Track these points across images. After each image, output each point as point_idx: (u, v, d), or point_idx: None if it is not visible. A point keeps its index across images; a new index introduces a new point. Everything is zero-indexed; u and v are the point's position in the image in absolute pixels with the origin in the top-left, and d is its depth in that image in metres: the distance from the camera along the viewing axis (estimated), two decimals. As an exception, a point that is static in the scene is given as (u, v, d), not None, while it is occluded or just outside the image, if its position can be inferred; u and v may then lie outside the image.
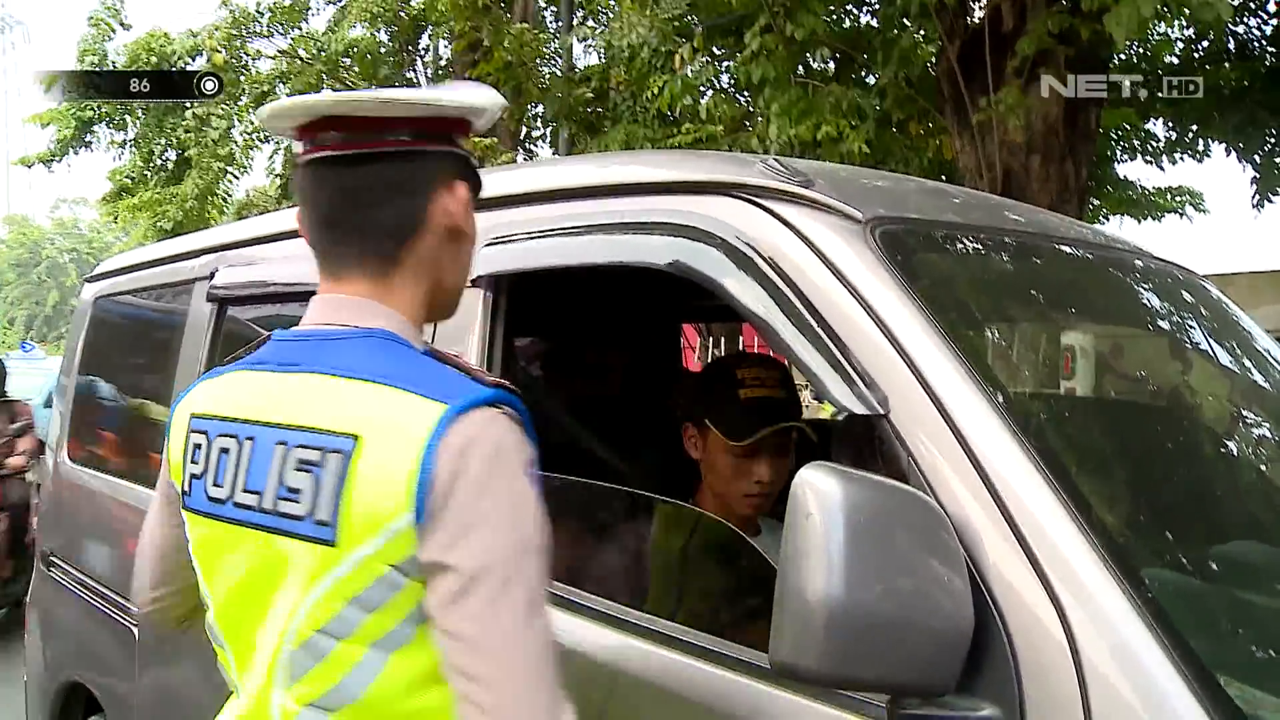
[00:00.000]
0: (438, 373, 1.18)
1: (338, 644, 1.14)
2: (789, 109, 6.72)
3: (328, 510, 1.12)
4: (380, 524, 1.09)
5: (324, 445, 1.13)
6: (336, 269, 1.26)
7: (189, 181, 14.28)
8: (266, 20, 14.04)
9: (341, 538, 1.11)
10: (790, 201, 1.50)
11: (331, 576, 1.12)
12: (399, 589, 1.11)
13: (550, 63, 11.63)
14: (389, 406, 1.13)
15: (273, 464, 1.17)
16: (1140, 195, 12.18)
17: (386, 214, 1.25)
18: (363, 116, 1.22)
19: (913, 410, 1.28)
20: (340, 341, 1.22)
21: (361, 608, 1.12)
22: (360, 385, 1.16)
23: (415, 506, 1.08)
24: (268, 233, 2.77)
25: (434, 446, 1.08)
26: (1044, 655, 1.12)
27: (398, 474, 1.09)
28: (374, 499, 1.10)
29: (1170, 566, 1.36)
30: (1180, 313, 2.08)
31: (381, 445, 1.11)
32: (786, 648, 1.11)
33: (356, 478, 1.10)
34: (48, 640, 3.69)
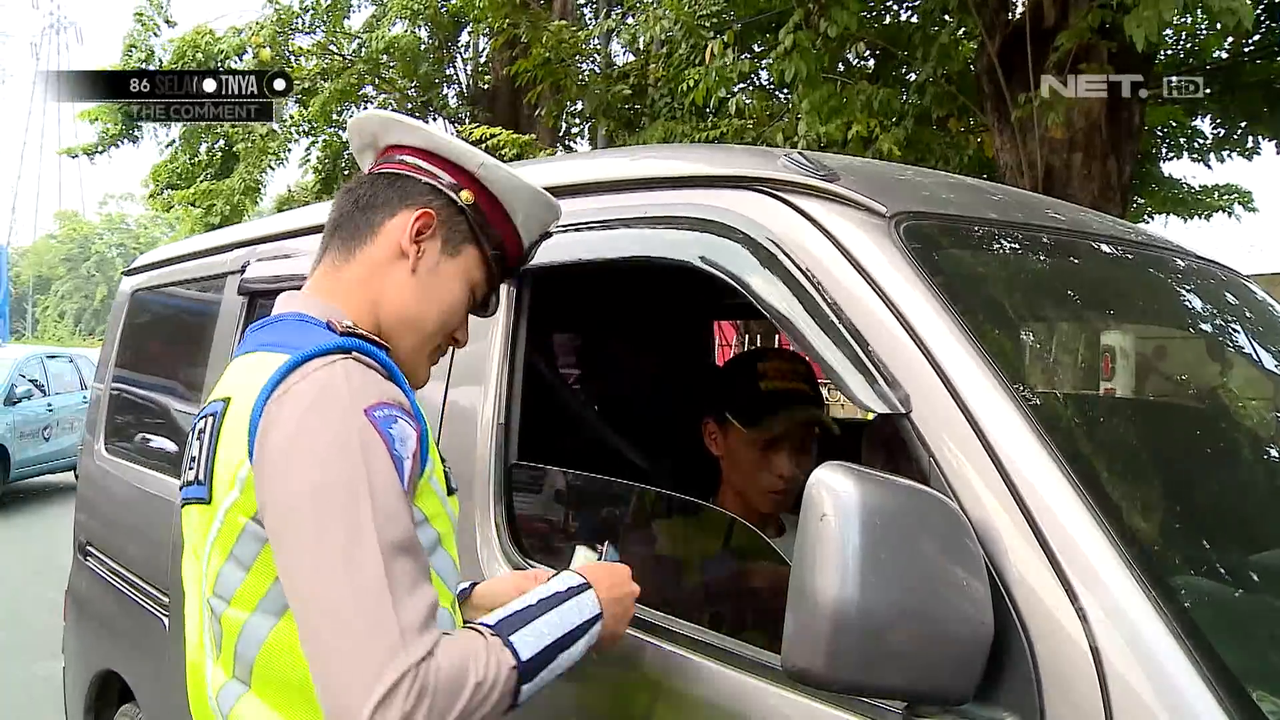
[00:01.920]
0: (310, 336, 1.22)
1: (227, 606, 1.17)
2: (819, 106, 6.66)
3: (204, 470, 1.19)
4: (234, 475, 1.14)
5: (209, 412, 1.23)
6: (315, 263, 1.39)
7: (235, 176, 14.48)
8: (309, 17, 14.17)
9: (212, 494, 1.17)
10: (813, 196, 1.48)
11: (213, 533, 1.17)
12: (264, 542, 1.13)
13: (589, 59, 11.62)
14: (255, 367, 1.19)
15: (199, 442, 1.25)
16: (1187, 194, 11.96)
17: (357, 214, 1.36)
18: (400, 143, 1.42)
19: (935, 410, 1.24)
20: (268, 326, 1.31)
21: (238, 566, 1.15)
22: (248, 357, 1.25)
23: (249, 453, 1.12)
24: (297, 227, 2.78)
25: (265, 393, 1.13)
26: (1066, 664, 1.08)
27: (241, 425, 1.14)
28: (229, 453, 1.16)
29: (1202, 574, 1.31)
30: (1222, 314, 2.03)
31: (239, 402, 1.17)
32: (798, 652, 1.08)
33: (222, 435, 1.17)
34: (83, 629, 3.74)
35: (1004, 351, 1.34)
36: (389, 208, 1.36)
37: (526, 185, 1.42)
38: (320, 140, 15.39)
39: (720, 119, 9.01)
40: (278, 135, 14.51)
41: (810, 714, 1.25)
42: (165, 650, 2.88)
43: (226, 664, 1.18)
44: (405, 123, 1.42)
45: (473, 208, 1.37)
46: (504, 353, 1.82)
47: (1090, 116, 6.55)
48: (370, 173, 1.42)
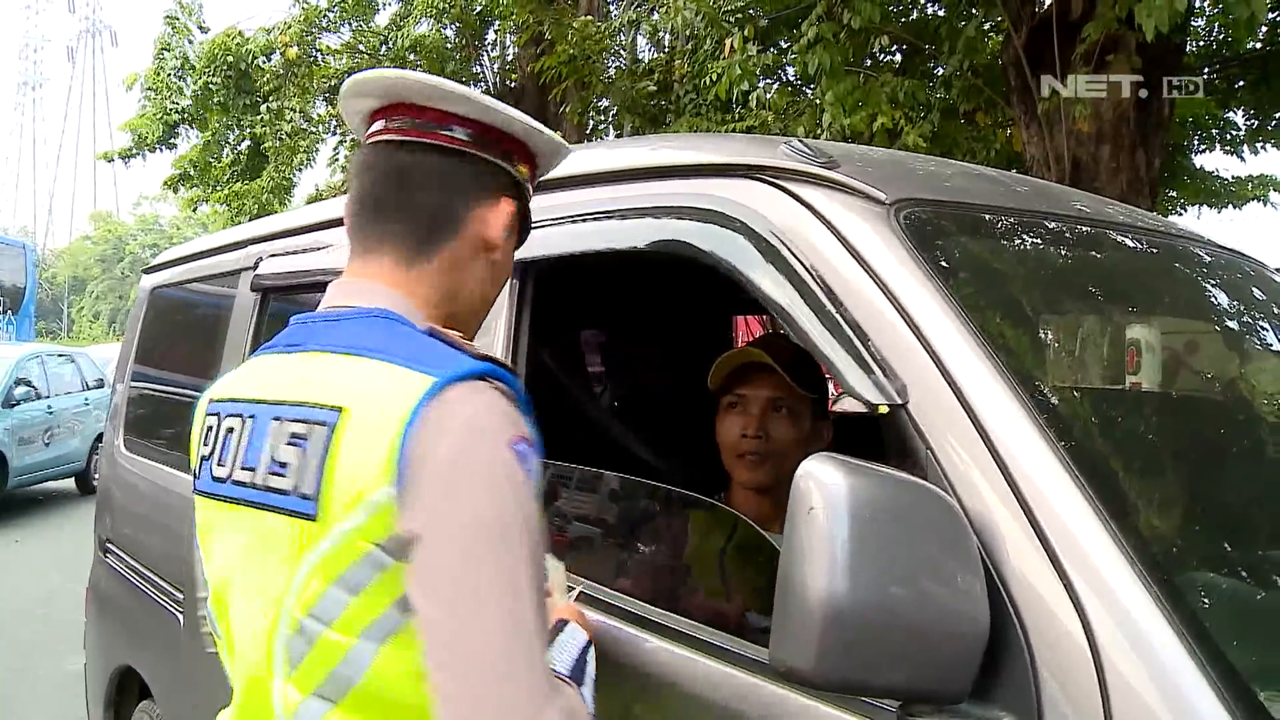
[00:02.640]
0: (428, 346, 1.15)
1: (326, 629, 1.09)
2: (843, 99, 6.60)
3: (311, 483, 1.09)
4: (362, 497, 1.06)
5: (310, 418, 1.11)
6: (365, 249, 1.25)
7: (265, 175, 14.57)
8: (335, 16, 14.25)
9: (323, 511, 1.08)
10: (813, 183, 1.45)
11: (315, 553, 1.09)
12: (383, 570, 1.06)
13: (615, 56, 11.60)
14: (375, 379, 1.10)
15: (267, 439, 1.15)
16: (1219, 185, 11.80)
17: (428, 202, 1.24)
18: (431, 107, 1.24)
19: (932, 400, 1.21)
20: (342, 321, 1.20)
21: (346, 589, 1.08)
22: (350, 359, 1.14)
23: (395, 478, 1.04)
24: (309, 223, 2.78)
25: (416, 417, 1.05)
26: (1064, 661, 1.05)
27: (379, 445, 1.05)
28: (356, 471, 1.06)
29: (1207, 571, 1.27)
30: (1244, 305, 1.98)
31: (365, 417, 1.07)
32: (787, 649, 1.05)
33: (340, 449, 1.07)
34: (103, 625, 3.76)
35: (1005, 341, 1.30)
36: (467, 197, 1.26)
37: (564, 150, 1.37)
38: (349, 139, 15.48)
39: (745, 112, 8.96)
40: (307, 135, 14.57)
41: (804, 711, 1.23)
42: (180, 647, 2.89)
43: (306, 682, 1.12)
44: (461, 92, 1.26)
45: (527, 181, 1.33)
46: (507, 346, 1.81)
47: (1118, 109, 6.46)
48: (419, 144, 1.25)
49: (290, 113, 14.23)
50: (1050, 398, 1.29)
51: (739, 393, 1.99)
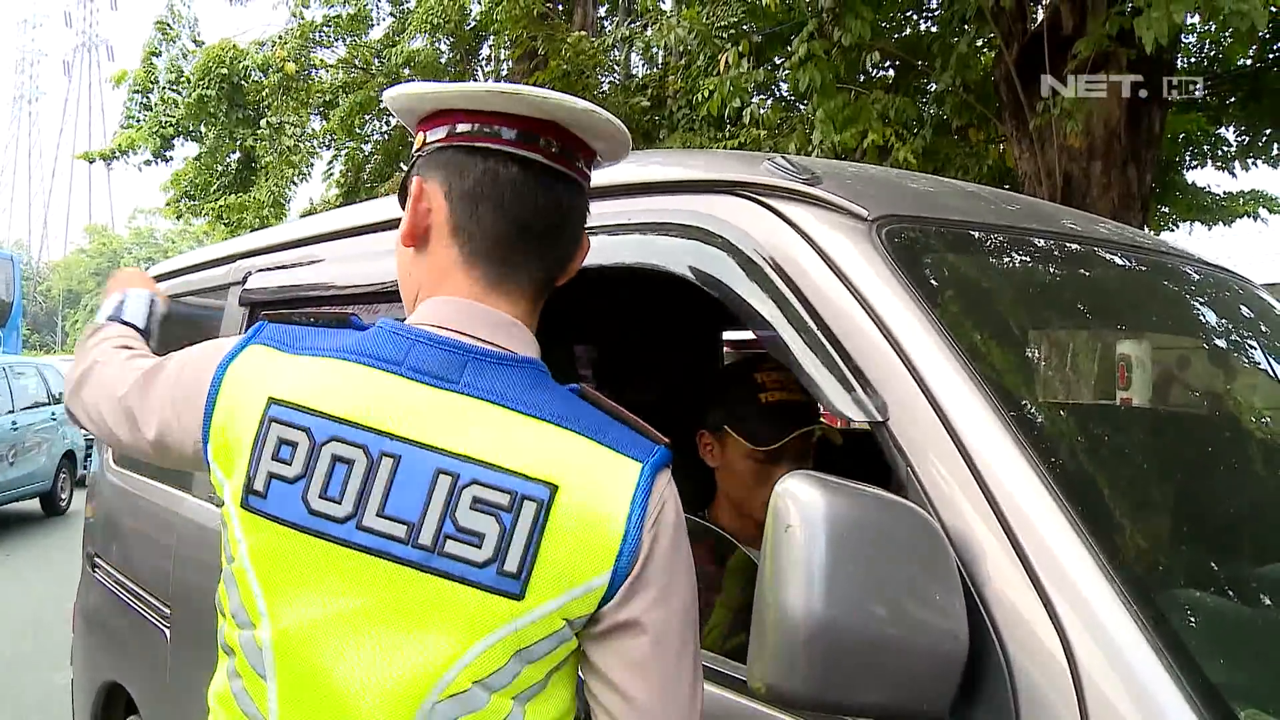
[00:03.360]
0: (610, 422, 1.11)
1: (492, 696, 1.05)
2: (834, 115, 6.63)
3: (518, 562, 1.03)
4: (572, 581, 1.04)
5: (516, 490, 1.03)
6: (501, 278, 1.14)
7: (263, 188, 14.55)
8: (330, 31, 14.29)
9: (530, 593, 1.03)
10: (795, 200, 1.45)
11: (507, 629, 1.04)
12: (564, 643, 1.08)
13: (609, 72, 11.65)
14: (582, 457, 1.06)
15: (434, 496, 1.04)
16: (1211, 201, 11.84)
17: (570, 241, 1.19)
18: (579, 137, 1.16)
19: (913, 417, 1.21)
20: (499, 366, 1.10)
21: (525, 659, 1.05)
22: (542, 426, 1.07)
23: (615, 568, 1.04)
24: (297, 237, 2.77)
25: (639, 510, 1.06)
26: (1044, 680, 1.04)
27: (600, 532, 1.04)
28: (571, 555, 1.03)
29: (1188, 589, 1.27)
30: (1228, 321, 1.98)
31: (582, 499, 1.04)
32: (765, 668, 1.05)
33: (551, 531, 1.03)
34: (90, 640, 3.74)
35: (987, 358, 1.30)
36: (582, 230, 1.21)
37: None
38: (343, 154, 15.49)
39: (737, 129, 8.99)
40: (300, 149, 14.58)
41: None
42: (166, 663, 2.87)
43: None
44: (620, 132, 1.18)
45: None
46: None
47: (1109, 124, 6.49)
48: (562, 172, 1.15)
49: (290, 127, 14.24)
50: (1031, 415, 1.29)
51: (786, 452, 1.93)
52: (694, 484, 2.04)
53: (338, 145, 15.22)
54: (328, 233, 2.63)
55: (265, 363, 1.14)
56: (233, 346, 1.17)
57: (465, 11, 13.48)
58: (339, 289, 2.48)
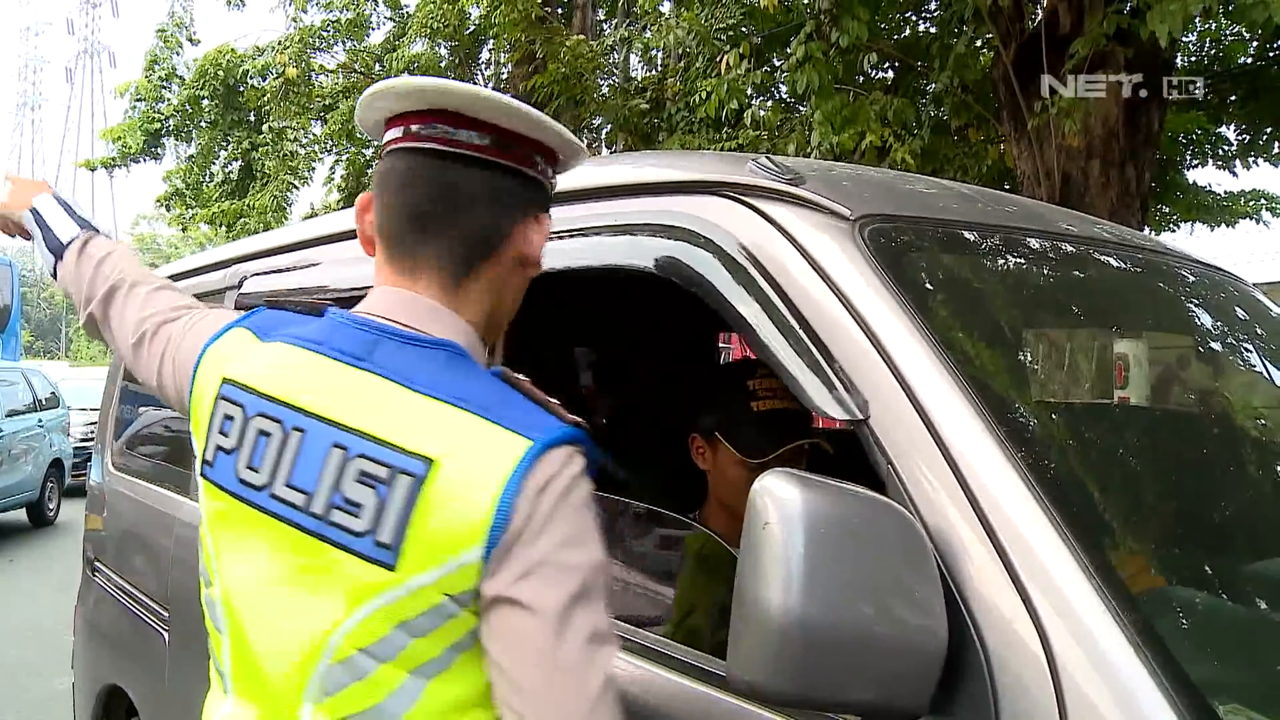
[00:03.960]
0: (515, 402, 1.12)
1: (379, 666, 1.09)
2: (832, 116, 6.63)
3: (391, 533, 1.06)
4: (446, 555, 1.05)
5: (394, 463, 1.08)
6: (412, 265, 1.21)
7: (266, 193, 14.55)
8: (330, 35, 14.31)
9: (402, 564, 1.06)
10: (778, 200, 1.45)
11: (383, 599, 1.07)
12: (451, 618, 1.08)
13: (607, 74, 11.66)
14: (467, 433, 1.08)
15: (328, 467, 1.11)
16: (1212, 201, 11.82)
17: (477, 220, 1.20)
18: (477, 118, 1.18)
19: (894, 416, 1.21)
20: (412, 347, 1.16)
21: (409, 633, 1.08)
22: (436, 404, 1.10)
23: (488, 542, 1.04)
24: (293, 241, 2.78)
25: (514, 484, 1.05)
26: (1023, 677, 1.05)
27: (473, 507, 1.04)
28: (443, 529, 1.05)
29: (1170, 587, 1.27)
30: (1215, 319, 1.98)
31: (458, 474, 1.06)
32: (744, 664, 1.05)
33: (427, 504, 1.05)
34: (91, 644, 3.75)
35: (969, 356, 1.31)
36: (513, 212, 1.22)
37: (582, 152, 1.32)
38: (344, 158, 15.51)
39: (736, 130, 9.00)
40: (299, 154, 14.59)
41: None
42: (164, 665, 2.88)
43: (338, 710, 1.12)
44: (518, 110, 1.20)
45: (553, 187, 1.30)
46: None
47: (1107, 124, 6.49)
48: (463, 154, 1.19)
49: (292, 132, 14.26)
50: (1012, 413, 1.30)
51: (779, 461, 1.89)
52: (686, 485, 2.05)
53: (339, 150, 15.22)
54: (323, 236, 2.64)
55: (236, 346, 1.26)
56: (221, 326, 1.30)
57: (464, 16, 13.50)
58: (334, 292, 2.49)
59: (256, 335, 1.25)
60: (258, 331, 1.26)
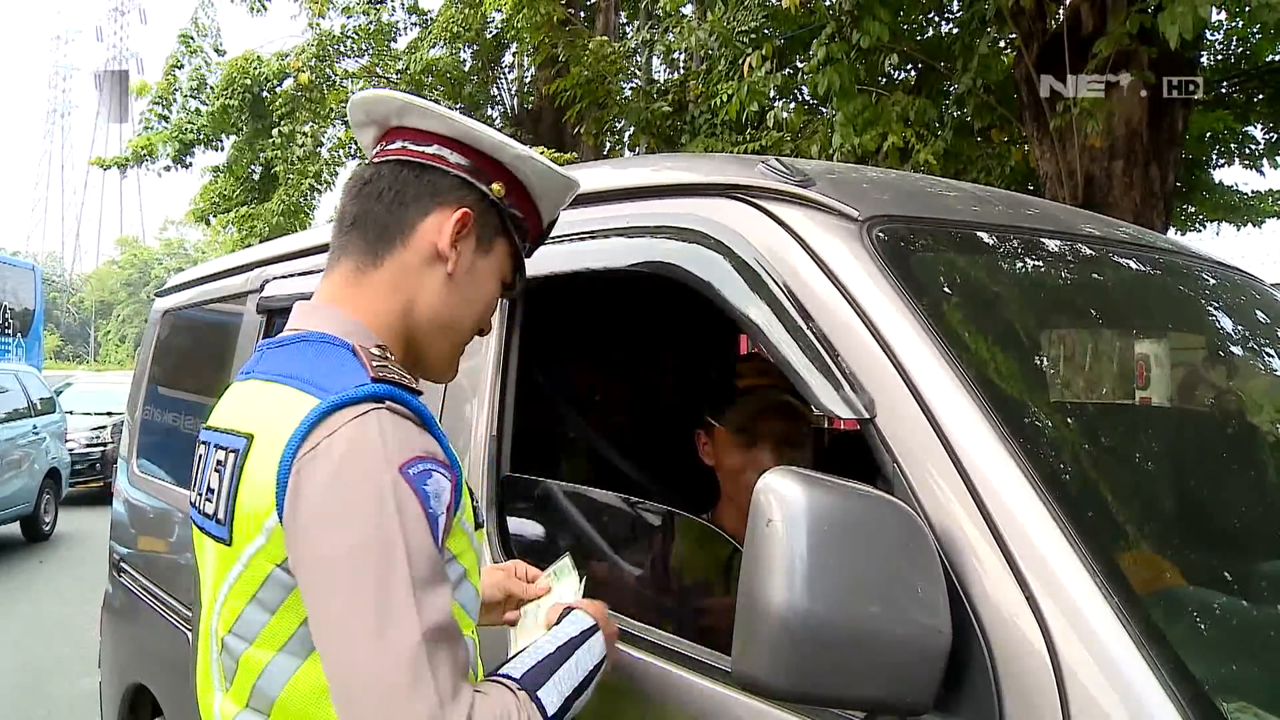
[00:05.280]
0: (335, 369, 1.13)
1: (248, 647, 1.14)
2: (854, 118, 6.62)
3: (225, 509, 1.14)
4: (258, 522, 1.09)
5: (228, 445, 1.16)
6: (330, 264, 1.29)
7: (275, 197, 14.62)
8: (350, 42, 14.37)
9: (235, 536, 1.12)
10: (788, 201, 1.46)
11: (230, 576, 1.14)
12: (290, 589, 1.10)
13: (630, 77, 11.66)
14: (280, 405, 1.12)
15: (207, 467, 1.21)
16: (1239, 200, 11.70)
17: (378, 209, 1.25)
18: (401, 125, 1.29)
19: (900, 415, 1.22)
20: (285, 346, 1.22)
21: (261, 608, 1.12)
22: (269, 386, 1.17)
23: (277, 505, 1.07)
24: (313, 245, 2.81)
25: (293, 444, 1.06)
26: (1027, 674, 1.05)
27: (268, 472, 1.08)
28: (253, 497, 1.10)
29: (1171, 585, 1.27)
30: (1229, 319, 1.97)
31: (263, 443, 1.11)
32: (748, 660, 1.06)
33: (244, 477, 1.11)
34: (117, 643, 3.80)
35: (975, 356, 1.31)
36: (420, 205, 1.25)
37: (558, 175, 1.34)
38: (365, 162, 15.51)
39: (759, 132, 8.99)
40: (318, 157, 14.63)
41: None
42: (189, 665, 2.92)
43: (239, 697, 1.15)
44: (430, 109, 1.27)
45: (503, 200, 1.29)
46: (497, 365, 1.83)
47: (1130, 124, 6.44)
48: (388, 160, 1.28)
49: (302, 136, 14.32)
50: (1017, 412, 1.30)
51: (762, 431, 1.98)
52: (702, 486, 2.06)
53: (362, 155, 15.24)
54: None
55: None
56: None
57: (486, 20, 13.54)
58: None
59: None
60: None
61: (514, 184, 1.30)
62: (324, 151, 14.75)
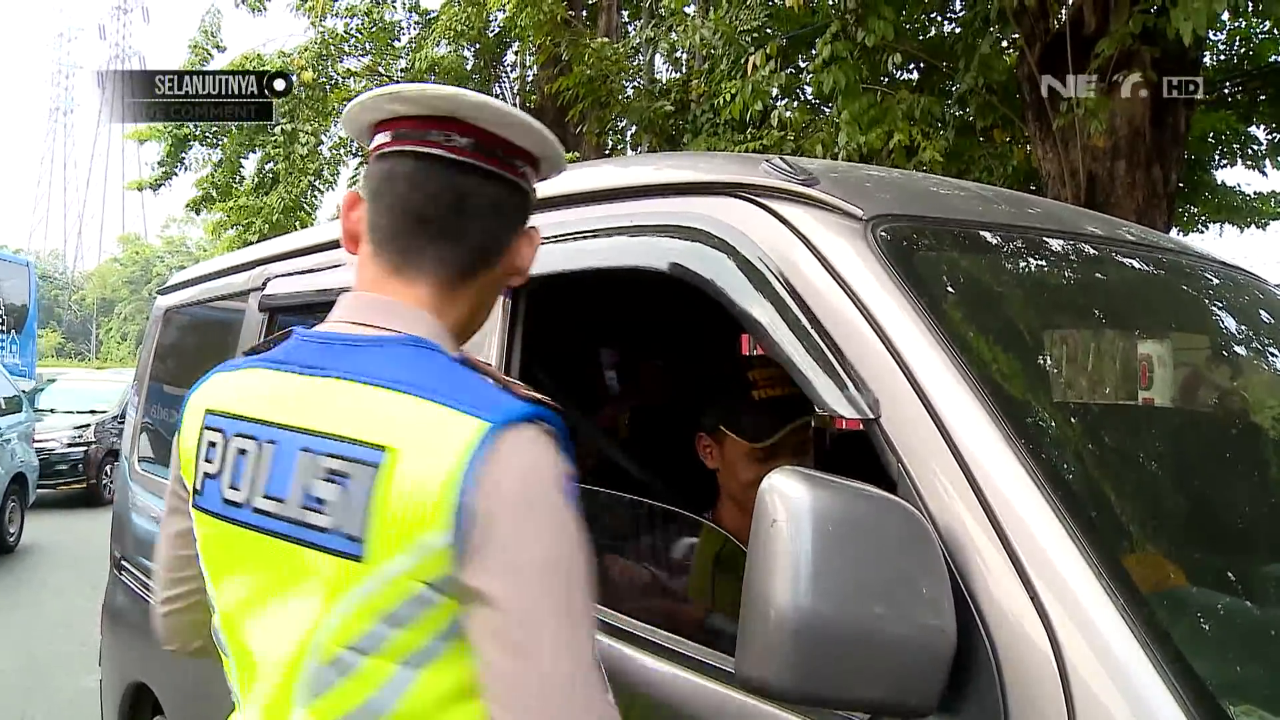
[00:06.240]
0: (471, 384, 1.12)
1: (365, 660, 1.09)
2: (859, 116, 6.62)
3: (356, 524, 1.07)
4: (412, 540, 1.05)
5: (352, 455, 1.09)
6: (402, 266, 1.21)
7: (274, 195, 14.61)
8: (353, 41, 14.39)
9: (370, 553, 1.07)
10: (792, 200, 1.46)
11: (360, 591, 1.08)
12: (431, 605, 1.07)
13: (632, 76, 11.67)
14: (421, 418, 1.08)
15: (296, 471, 1.13)
16: (1241, 201, 11.69)
17: (483, 230, 1.23)
18: (482, 127, 1.21)
19: (904, 414, 1.22)
20: (367, 347, 1.17)
21: (391, 623, 1.08)
22: (389, 394, 1.11)
23: (453, 527, 1.04)
24: (316, 243, 2.81)
25: (472, 467, 1.04)
26: (1031, 675, 1.05)
27: (432, 491, 1.04)
28: (405, 515, 1.05)
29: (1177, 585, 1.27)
30: (1234, 319, 1.97)
31: (414, 459, 1.06)
32: (752, 661, 1.06)
33: (388, 492, 1.06)
34: (117, 641, 3.79)
35: (979, 355, 1.31)
36: (514, 226, 1.26)
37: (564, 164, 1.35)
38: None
39: (761, 131, 9.00)
40: (320, 156, 14.63)
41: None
42: (189, 663, 2.91)
43: (327, 712, 1.12)
44: (531, 127, 1.24)
45: None
46: (500, 364, 1.82)
47: (1133, 124, 6.45)
48: (479, 168, 1.22)
49: (304, 135, 14.32)
50: (1022, 412, 1.30)
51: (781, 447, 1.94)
52: (704, 486, 2.05)
53: (363, 153, 15.25)
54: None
55: (213, 385, 1.28)
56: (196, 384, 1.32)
57: (488, 19, 13.55)
58: (355, 293, 2.51)
59: (228, 371, 1.29)
60: (228, 368, 1.29)
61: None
62: (324, 150, 14.76)
